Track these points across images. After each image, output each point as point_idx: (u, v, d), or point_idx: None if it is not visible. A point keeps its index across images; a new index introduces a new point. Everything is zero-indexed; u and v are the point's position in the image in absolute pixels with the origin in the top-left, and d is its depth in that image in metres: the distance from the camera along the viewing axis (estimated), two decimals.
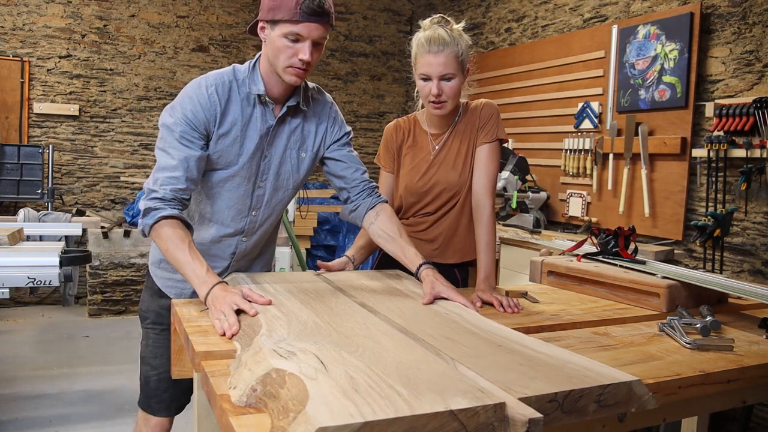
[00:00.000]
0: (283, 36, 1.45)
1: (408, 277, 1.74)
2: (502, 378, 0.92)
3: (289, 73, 1.50)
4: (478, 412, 0.79)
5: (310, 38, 1.46)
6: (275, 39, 1.47)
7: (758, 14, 3.00)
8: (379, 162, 2.02)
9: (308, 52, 1.46)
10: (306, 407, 0.78)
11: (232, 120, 1.55)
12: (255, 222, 1.68)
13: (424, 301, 1.44)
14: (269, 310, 1.29)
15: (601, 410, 0.93)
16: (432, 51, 1.73)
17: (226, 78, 1.55)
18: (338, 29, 6.02)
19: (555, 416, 0.89)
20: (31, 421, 2.87)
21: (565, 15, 4.30)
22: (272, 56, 1.50)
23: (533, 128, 4.47)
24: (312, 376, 0.88)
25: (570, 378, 0.94)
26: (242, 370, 0.98)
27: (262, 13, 1.49)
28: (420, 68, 1.77)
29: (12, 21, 4.81)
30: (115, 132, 5.21)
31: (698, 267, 3.10)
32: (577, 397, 0.90)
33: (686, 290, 1.64)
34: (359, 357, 0.99)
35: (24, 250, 2.69)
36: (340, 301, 1.41)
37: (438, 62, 1.73)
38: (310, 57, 1.46)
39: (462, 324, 1.26)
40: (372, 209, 1.71)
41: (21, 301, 4.91)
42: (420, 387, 0.85)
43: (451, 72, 1.74)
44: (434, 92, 1.75)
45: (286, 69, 1.49)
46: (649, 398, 0.97)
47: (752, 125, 2.90)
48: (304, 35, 1.45)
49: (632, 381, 0.95)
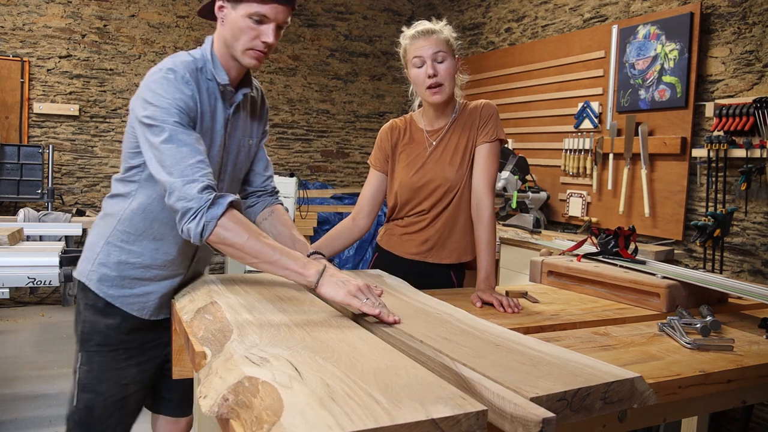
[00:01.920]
0: (247, 16, 1.38)
1: (389, 276, 1.73)
2: (508, 378, 0.92)
3: (249, 56, 1.43)
4: (460, 420, 0.77)
5: (275, 21, 1.40)
6: (237, 19, 1.39)
7: (758, 14, 2.99)
8: (370, 161, 2.02)
9: (272, 34, 1.40)
10: (281, 418, 0.75)
11: (202, 111, 1.45)
12: None
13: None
14: (240, 314, 1.25)
15: (606, 407, 0.93)
16: (422, 36, 1.79)
17: (192, 66, 1.43)
18: (338, 29, 6.02)
19: (564, 415, 0.89)
20: (31, 421, 2.87)
21: (565, 15, 4.30)
22: (230, 38, 1.42)
23: (533, 128, 4.47)
24: (286, 385, 0.85)
25: (575, 376, 0.94)
26: (213, 377, 0.94)
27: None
28: (412, 54, 1.81)
29: (12, 21, 4.81)
30: (115, 132, 5.20)
31: (698, 267, 3.10)
32: (585, 395, 0.90)
33: (686, 290, 1.64)
34: (335, 363, 0.96)
35: (24, 250, 2.69)
36: (314, 304, 1.37)
37: (429, 44, 1.78)
38: (274, 39, 1.41)
39: (455, 324, 1.25)
40: (268, 207, 1.70)
41: (21, 301, 4.92)
42: (399, 394, 0.83)
43: (443, 51, 1.78)
44: (429, 72, 1.77)
45: (246, 51, 1.42)
46: (649, 394, 0.97)
47: (752, 125, 2.90)
48: (270, 16, 1.39)
49: (634, 377, 0.96)
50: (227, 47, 1.45)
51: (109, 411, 1.55)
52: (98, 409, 1.54)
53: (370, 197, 1.98)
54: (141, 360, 1.61)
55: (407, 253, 1.95)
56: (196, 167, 1.31)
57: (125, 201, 1.51)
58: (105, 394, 1.54)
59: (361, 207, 1.98)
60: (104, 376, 1.55)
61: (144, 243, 1.51)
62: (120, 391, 1.57)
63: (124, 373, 1.57)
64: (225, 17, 1.43)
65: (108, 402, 1.55)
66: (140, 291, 1.54)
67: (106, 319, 1.54)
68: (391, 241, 1.99)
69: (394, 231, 1.99)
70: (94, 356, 1.55)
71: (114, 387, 1.55)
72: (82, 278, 1.56)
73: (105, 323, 1.54)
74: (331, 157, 6.09)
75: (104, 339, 1.55)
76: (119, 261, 1.52)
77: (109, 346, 1.55)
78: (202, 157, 1.34)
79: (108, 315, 1.54)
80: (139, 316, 1.56)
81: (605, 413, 0.94)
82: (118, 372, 1.56)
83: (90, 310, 1.55)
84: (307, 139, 5.94)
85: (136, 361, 1.59)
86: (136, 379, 1.60)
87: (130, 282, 1.53)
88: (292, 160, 5.88)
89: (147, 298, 1.55)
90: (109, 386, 1.55)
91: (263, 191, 1.72)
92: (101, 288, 1.53)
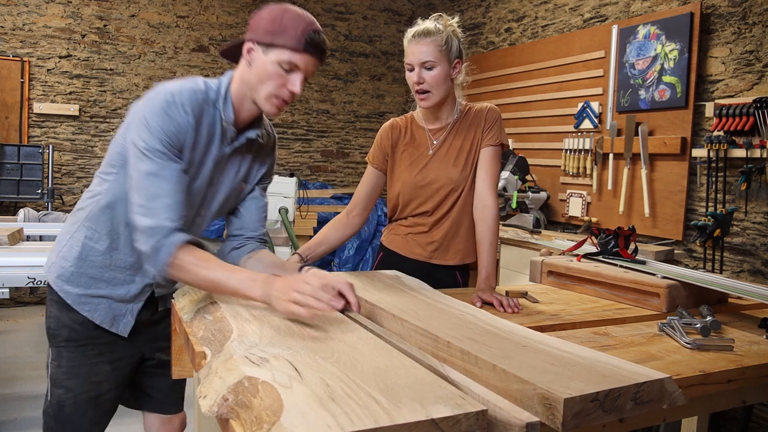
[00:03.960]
0: (277, 62, 1.36)
1: (407, 277, 1.73)
2: (540, 379, 0.91)
3: (271, 103, 1.41)
4: (460, 420, 0.77)
5: (305, 71, 1.39)
6: (266, 64, 1.37)
7: (758, 14, 2.99)
8: (368, 158, 2.02)
9: (299, 84, 1.39)
10: (281, 419, 0.75)
11: (196, 141, 1.43)
12: None
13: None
14: (240, 314, 1.25)
15: (637, 408, 0.93)
16: (415, 41, 1.79)
17: (200, 97, 1.42)
18: (338, 29, 6.02)
19: (596, 416, 0.89)
20: (31, 421, 2.86)
21: (565, 15, 4.30)
22: (256, 81, 1.40)
23: (533, 128, 4.47)
24: (286, 385, 0.85)
25: (605, 377, 0.94)
26: (212, 378, 0.94)
27: (255, 34, 1.39)
28: (406, 57, 1.83)
29: (12, 21, 4.81)
30: (114, 132, 5.20)
31: (698, 267, 3.10)
32: (616, 395, 0.90)
33: (686, 290, 1.64)
34: (335, 363, 0.96)
35: (24, 250, 2.69)
36: None
37: (419, 50, 1.78)
38: (300, 90, 1.40)
39: (480, 325, 1.24)
40: (254, 251, 1.61)
41: (21, 301, 4.92)
42: (399, 394, 0.83)
43: (431, 60, 1.77)
44: (415, 79, 1.79)
45: (269, 97, 1.40)
46: (678, 395, 0.97)
47: (752, 125, 2.90)
48: (300, 66, 1.38)
49: (664, 378, 0.96)
50: (249, 90, 1.43)
51: (81, 408, 1.54)
52: (69, 406, 1.53)
53: (366, 195, 1.99)
54: (113, 357, 1.57)
55: (412, 253, 1.95)
56: (167, 207, 1.32)
57: (96, 198, 1.51)
58: (75, 391, 1.53)
59: (356, 204, 1.98)
60: (73, 371, 1.53)
61: (106, 242, 1.50)
62: (92, 388, 1.54)
63: (94, 370, 1.54)
64: (253, 60, 1.40)
65: (79, 399, 1.53)
66: (93, 292, 1.51)
67: (70, 314, 1.53)
68: (395, 241, 1.99)
69: (398, 231, 1.99)
70: (62, 351, 1.54)
71: (85, 384, 1.53)
72: (46, 271, 1.56)
73: (69, 318, 1.53)
74: (331, 157, 6.09)
75: (71, 334, 1.53)
76: (79, 257, 1.51)
77: (77, 341, 1.54)
78: (180, 197, 1.34)
79: (71, 310, 1.53)
80: (90, 318, 1.52)
81: (635, 414, 0.93)
82: (88, 368, 1.54)
83: (55, 306, 1.54)
84: (307, 139, 5.94)
85: (108, 358, 1.56)
86: (109, 377, 1.57)
87: (86, 280, 1.51)
88: (292, 160, 5.88)
89: (99, 301, 1.52)
90: (79, 382, 1.53)
91: (253, 237, 1.64)
92: (57, 283, 1.52)
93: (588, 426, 0.88)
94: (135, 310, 1.57)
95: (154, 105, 1.36)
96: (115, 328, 1.55)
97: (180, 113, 1.36)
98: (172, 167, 1.35)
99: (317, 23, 1.41)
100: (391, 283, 1.64)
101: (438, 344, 1.13)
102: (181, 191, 1.36)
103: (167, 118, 1.35)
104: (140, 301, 1.57)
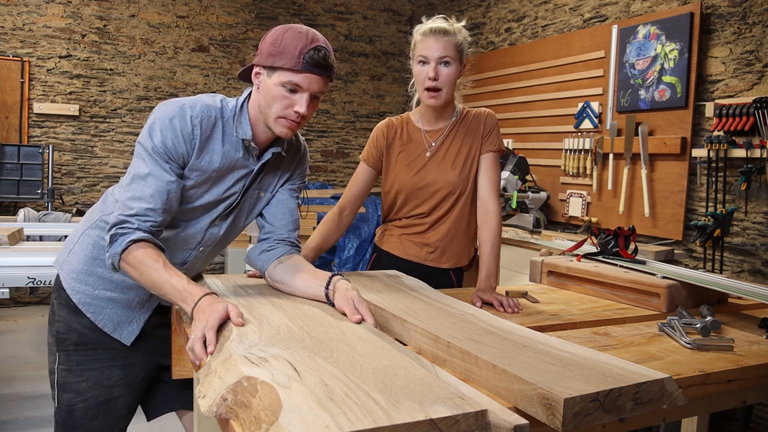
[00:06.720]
0: (280, 84, 1.36)
1: (407, 277, 1.73)
2: (540, 379, 0.92)
3: (281, 125, 1.40)
4: (459, 420, 0.77)
5: (309, 90, 1.37)
6: (271, 86, 1.37)
7: (758, 14, 2.99)
8: (362, 156, 2.01)
9: (305, 104, 1.37)
10: (279, 418, 0.75)
11: (209, 159, 1.43)
12: (200, 257, 1.56)
13: (353, 320, 1.24)
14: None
15: (637, 408, 0.93)
16: (433, 36, 1.78)
17: (213, 113, 1.43)
18: (338, 29, 6.02)
19: (596, 416, 0.89)
20: (31, 421, 2.87)
21: (565, 15, 4.30)
22: (264, 104, 1.40)
23: (533, 128, 4.47)
24: (285, 384, 0.85)
25: (605, 377, 0.94)
26: (212, 377, 0.94)
27: (260, 58, 1.39)
28: (419, 52, 1.81)
29: (12, 21, 4.81)
30: (115, 132, 5.20)
31: (698, 267, 3.10)
32: (616, 395, 0.91)
33: (686, 290, 1.64)
34: (334, 363, 0.96)
35: (24, 250, 2.69)
36: (313, 304, 1.36)
37: (438, 46, 1.77)
38: (306, 110, 1.38)
39: (480, 324, 1.24)
40: (286, 255, 1.56)
41: (21, 301, 4.92)
42: (398, 394, 0.83)
43: (449, 56, 1.78)
44: (431, 75, 1.78)
45: (277, 119, 1.40)
46: (678, 395, 0.97)
47: (752, 125, 2.90)
48: (303, 86, 1.36)
49: (664, 378, 0.96)
50: (261, 112, 1.43)
51: (91, 413, 1.51)
52: (79, 410, 1.51)
53: (358, 193, 1.98)
54: (126, 363, 1.56)
55: (407, 254, 1.95)
56: (143, 211, 1.33)
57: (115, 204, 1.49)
58: (86, 394, 1.51)
59: (349, 202, 1.98)
60: (83, 375, 1.51)
61: None
62: (103, 392, 1.52)
63: (106, 374, 1.53)
64: (261, 84, 1.41)
65: (90, 403, 1.51)
66: (101, 293, 1.50)
67: (79, 317, 1.51)
68: (389, 241, 1.99)
69: (392, 231, 1.99)
70: (72, 355, 1.52)
71: (95, 387, 1.51)
72: (57, 270, 1.55)
73: (79, 322, 1.51)
74: (331, 157, 6.09)
75: (81, 338, 1.52)
76: (91, 255, 1.50)
77: (88, 345, 1.52)
78: (158, 205, 1.35)
79: (80, 314, 1.51)
80: (93, 320, 1.50)
81: (635, 414, 0.94)
82: (99, 372, 1.52)
83: (64, 309, 1.52)
84: (307, 139, 5.94)
85: (120, 363, 1.55)
86: (121, 382, 1.55)
87: (95, 280, 1.50)
88: None
89: (105, 304, 1.51)
90: (90, 386, 1.51)
91: (282, 241, 1.60)
92: (67, 280, 1.51)
93: (588, 426, 0.88)
94: (142, 320, 1.56)
95: (164, 112, 1.39)
96: (117, 334, 1.54)
97: (185, 125, 1.38)
98: (162, 176, 1.36)
99: (320, 39, 1.38)
100: (391, 283, 1.65)
101: (438, 344, 1.13)
102: (165, 200, 1.36)
103: (170, 128, 1.37)
104: (149, 309, 1.56)
